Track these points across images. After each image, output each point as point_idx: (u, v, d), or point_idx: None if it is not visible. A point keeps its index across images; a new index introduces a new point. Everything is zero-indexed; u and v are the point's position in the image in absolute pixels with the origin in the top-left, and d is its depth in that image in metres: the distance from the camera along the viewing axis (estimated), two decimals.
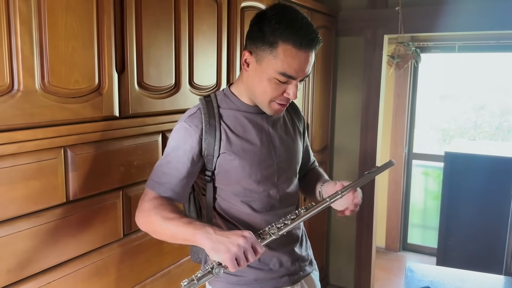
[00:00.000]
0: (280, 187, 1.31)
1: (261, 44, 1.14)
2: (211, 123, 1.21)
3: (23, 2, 1.09)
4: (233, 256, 1.00)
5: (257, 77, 1.18)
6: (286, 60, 1.12)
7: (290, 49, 1.11)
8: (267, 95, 1.18)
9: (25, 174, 1.16)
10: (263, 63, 1.15)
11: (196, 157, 1.21)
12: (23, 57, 1.11)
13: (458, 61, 4.14)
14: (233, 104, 1.27)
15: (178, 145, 1.21)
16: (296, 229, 1.38)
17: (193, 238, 1.06)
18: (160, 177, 1.20)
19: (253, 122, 1.27)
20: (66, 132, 1.24)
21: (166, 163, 1.21)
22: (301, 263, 1.37)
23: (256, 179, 1.25)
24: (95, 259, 1.39)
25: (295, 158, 1.36)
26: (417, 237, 4.39)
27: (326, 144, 3.13)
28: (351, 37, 3.09)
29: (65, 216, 1.28)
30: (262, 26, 1.14)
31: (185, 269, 1.76)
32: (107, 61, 1.34)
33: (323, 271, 3.31)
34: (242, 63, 1.21)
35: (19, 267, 1.17)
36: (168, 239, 1.15)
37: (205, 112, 1.22)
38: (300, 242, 1.40)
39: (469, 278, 1.74)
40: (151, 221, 1.14)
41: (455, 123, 4.55)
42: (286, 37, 1.11)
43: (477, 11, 2.66)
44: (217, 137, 1.20)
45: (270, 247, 1.28)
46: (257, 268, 1.29)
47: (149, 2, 1.47)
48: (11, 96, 1.10)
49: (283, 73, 1.13)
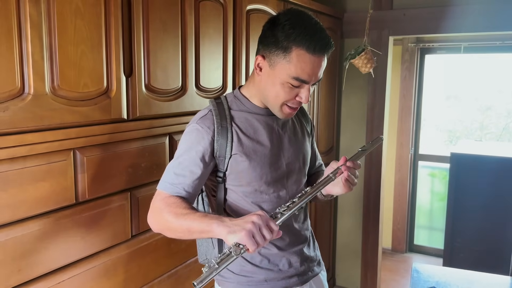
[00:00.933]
0: (289, 188, 1.32)
1: (275, 49, 1.16)
2: (223, 125, 1.22)
3: (34, 7, 1.12)
4: (249, 232, 1.01)
5: (270, 81, 1.20)
6: (300, 65, 1.14)
7: (303, 54, 1.13)
8: (279, 98, 1.20)
9: (35, 175, 1.18)
10: (277, 67, 1.17)
11: (209, 158, 1.22)
12: (33, 61, 1.13)
13: (464, 62, 4.13)
14: (244, 106, 1.29)
15: (191, 147, 1.22)
16: (304, 230, 1.39)
17: (209, 228, 1.07)
18: (173, 178, 1.21)
19: (263, 123, 1.28)
20: (75, 135, 1.27)
21: (178, 165, 1.22)
22: (309, 263, 1.39)
23: (267, 180, 1.26)
24: (104, 260, 1.41)
25: (304, 160, 1.38)
26: (423, 239, 4.38)
27: (331, 146, 3.14)
28: (357, 39, 3.10)
29: (74, 217, 1.30)
30: (275, 32, 1.16)
31: (193, 269, 1.77)
32: (115, 64, 1.37)
33: (329, 272, 3.31)
34: (255, 67, 1.23)
35: (30, 267, 1.19)
36: (184, 234, 1.15)
37: (216, 114, 1.23)
38: (308, 243, 1.41)
39: (476, 279, 1.74)
40: (165, 219, 1.15)
41: (462, 124, 4.53)
42: (300, 42, 1.12)
43: (482, 12, 2.66)
44: (228, 138, 1.22)
45: (280, 248, 1.30)
46: (267, 269, 1.30)
47: (156, 6, 1.49)
48: (22, 100, 1.12)
49: (296, 77, 1.15)
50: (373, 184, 3.18)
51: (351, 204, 3.31)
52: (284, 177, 1.31)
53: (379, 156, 3.14)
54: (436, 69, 4.16)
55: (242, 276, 1.30)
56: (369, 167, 3.18)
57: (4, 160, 1.10)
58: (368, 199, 3.21)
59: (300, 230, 1.36)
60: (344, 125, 3.26)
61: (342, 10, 3.09)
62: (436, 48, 3.97)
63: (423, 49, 4.01)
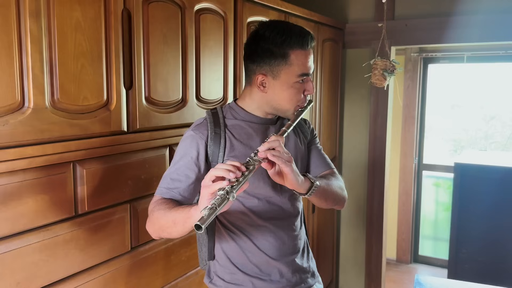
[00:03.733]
0: (283, 194, 1.32)
1: (274, 61, 1.25)
2: (217, 131, 1.27)
3: (34, 22, 1.14)
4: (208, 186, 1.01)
5: (278, 90, 1.27)
6: (300, 62, 1.25)
7: (299, 52, 1.25)
8: (293, 101, 1.29)
9: (35, 188, 1.19)
10: (281, 75, 1.26)
11: (203, 162, 1.26)
12: (33, 76, 1.15)
13: (467, 71, 4.12)
14: (239, 115, 1.33)
15: (186, 152, 1.26)
16: (297, 240, 1.38)
17: (188, 214, 1.07)
18: (169, 183, 1.25)
19: (257, 131, 1.32)
20: (75, 147, 1.28)
21: (175, 170, 1.26)
22: (302, 274, 1.38)
23: (259, 185, 1.28)
24: (103, 272, 1.41)
25: (298, 165, 1.37)
26: (428, 249, 4.34)
27: (334, 155, 3.13)
28: (358, 49, 3.11)
29: (73, 230, 1.31)
30: (267, 47, 1.25)
31: (192, 282, 1.77)
32: (115, 77, 1.38)
33: (332, 283, 3.29)
34: (258, 86, 1.28)
35: (29, 280, 1.19)
36: (173, 229, 1.14)
37: (211, 121, 1.29)
38: (301, 253, 1.40)
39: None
40: (155, 217, 1.18)
41: (466, 134, 4.51)
42: (293, 44, 1.24)
43: (485, 22, 2.66)
44: (221, 144, 1.27)
45: (271, 257, 1.31)
46: (258, 278, 1.31)
47: (156, 19, 1.51)
48: (22, 113, 1.13)
49: (301, 73, 1.26)
50: (376, 194, 3.17)
51: (354, 214, 3.29)
52: (277, 183, 1.30)
53: (382, 166, 3.13)
54: (439, 78, 4.15)
55: (233, 285, 1.31)
56: (372, 177, 3.17)
57: (4, 173, 1.11)
58: (371, 210, 3.19)
59: (293, 239, 1.36)
60: (347, 134, 3.26)
61: (344, 20, 3.11)
62: (439, 58, 3.97)
63: (426, 59, 4.01)
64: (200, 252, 1.44)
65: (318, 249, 2.96)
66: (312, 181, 1.22)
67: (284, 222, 1.33)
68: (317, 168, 1.43)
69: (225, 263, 1.33)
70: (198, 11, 1.70)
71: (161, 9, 1.53)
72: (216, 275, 1.35)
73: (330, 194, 1.31)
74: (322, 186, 1.25)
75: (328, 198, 1.32)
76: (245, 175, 1.03)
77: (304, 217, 1.46)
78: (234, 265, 1.31)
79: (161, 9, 1.53)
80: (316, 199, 1.28)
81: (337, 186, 1.36)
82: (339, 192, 1.37)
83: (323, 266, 3.07)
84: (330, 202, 1.35)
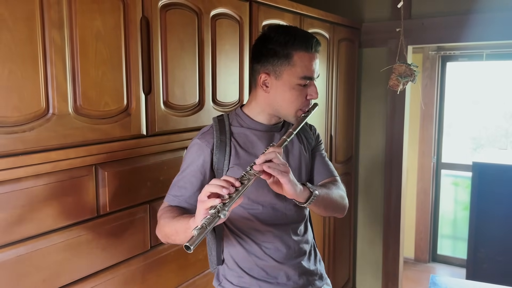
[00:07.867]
0: (287, 201, 1.34)
1: (277, 60, 1.26)
2: (222, 139, 1.30)
3: (57, 33, 1.19)
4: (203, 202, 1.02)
5: (280, 91, 1.28)
6: (303, 64, 1.26)
7: (303, 54, 1.26)
8: (294, 104, 1.29)
9: (59, 191, 1.25)
10: (283, 75, 1.27)
11: (209, 170, 1.30)
12: (57, 84, 1.20)
13: (486, 68, 4.06)
14: (244, 123, 1.35)
15: (192, 160, 1.30)
16: (303, 243, 1.40)
17: (187, 225, 1.09)
18: (176, 191, 1.30)
19: (262, 138, 1.34)
20: (97, 151, 1.33)
21: (181, 178, 1.30)
22: (309, 277, 1.40)
23: (263, 192, 1.30)
24: (123, 270, 1.47)
25: (302, 173, 1.39)
26: (447, 248, 4.30)
27: (350, 155, 3.14)
28: (375, 48, 3.11)
29: (95, 229, 1.37)
30: (271, 46, 1.27)
31: (210, 280, 1.81)
32: (135, 83, 1.43)
33: (349, 283, 3.30)
34: (260, 85, 1.30)
35: (53, 277, 1.26)
36: (175, 236, 1.18)
37: (216, 129, 1.32)
38: (308, 256, 1.42)
39: None
40: (162, 224, 1.24)
41: (486, 132, 4.45)
42: (297, 45, 1.26)
43: (503, 19, 2.63)
44: (227, 152, 1.29)
45: (277, 260, 1.33)
46: (265, 281, 1.34)
47: (173, 26, 1.55)
48: (47, 120, 1.19)
49: (303, 76, 1.26)
50: (394, 194, 3.16)
51: (371, 214, 3.30)
52: None
53: (399, 165, 3.13)
54: (458, 76, 4.10)
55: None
56: (389, 177, 3.16)
57: (30, 177, 1.18)
58: (388, 209, 3.19)
59: (299, 243, 1.38)
60: (363, 134, 3.26)
61: (360, 20, 3.11)
62: (458, 56, 3.93)
63: (444, 57, 3.97)
64: (210, 256, 1.47)
65: (335, 248, 2.97)
66: (311, 190, 1.22)
67: (289, 228, 1.35)
68: (319, 175, 1.43)
69: (233, 267, 1.35)
70: (214, 16, 1.74)
71: (178, 16, 1.57)
72: (225, 278, 1.38)
73: (329, 203, 1.31)
74: (321, 195, 1.25)
75: (327, 207, 1.31)
76: (238, 191, 1.05)
77: (311, 221, 1.48)
78: (242, 268, 1.34)
79: (178, 15, 1.57)
80: (315, 207, 1.28)
81: (337, 195, 1.35)
82: (339, 201, 1.36)
83: (340, 266, 3.09)
84: (330, 210, 1.34)
